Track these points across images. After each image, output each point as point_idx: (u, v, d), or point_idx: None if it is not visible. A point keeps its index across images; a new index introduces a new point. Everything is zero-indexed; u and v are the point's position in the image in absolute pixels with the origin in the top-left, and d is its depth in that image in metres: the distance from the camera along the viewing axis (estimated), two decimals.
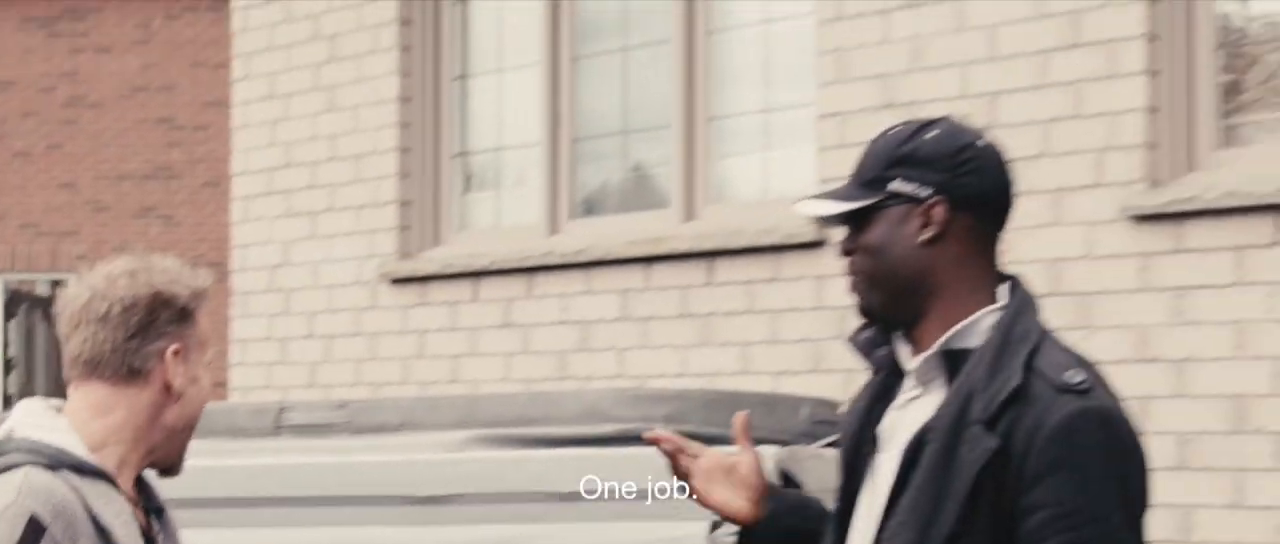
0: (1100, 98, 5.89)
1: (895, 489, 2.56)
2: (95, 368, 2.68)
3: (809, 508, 2.82)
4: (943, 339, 2.58)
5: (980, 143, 2.64)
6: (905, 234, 2.59)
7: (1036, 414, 2.46)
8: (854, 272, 2.65)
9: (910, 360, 2.64)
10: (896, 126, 2.68)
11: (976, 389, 2.51)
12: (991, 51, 6.15)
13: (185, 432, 2.75)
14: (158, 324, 2.69)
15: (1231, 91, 5.85)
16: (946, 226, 2.58)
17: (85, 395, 2.69)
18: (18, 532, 2.45)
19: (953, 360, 2.57)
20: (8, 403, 18.79)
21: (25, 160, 18.56)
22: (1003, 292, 2.62)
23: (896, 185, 2.59)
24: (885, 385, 2.69)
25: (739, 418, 2.83)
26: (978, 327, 2.57)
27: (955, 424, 2.50)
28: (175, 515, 2.84)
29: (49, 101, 18.51)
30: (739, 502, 2.77)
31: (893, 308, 2.62)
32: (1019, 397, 2.48)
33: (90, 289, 2.69)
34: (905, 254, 2.59)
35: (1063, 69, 5.98)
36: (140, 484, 2.78)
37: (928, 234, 2.58)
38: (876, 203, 2.60)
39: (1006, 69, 6.12)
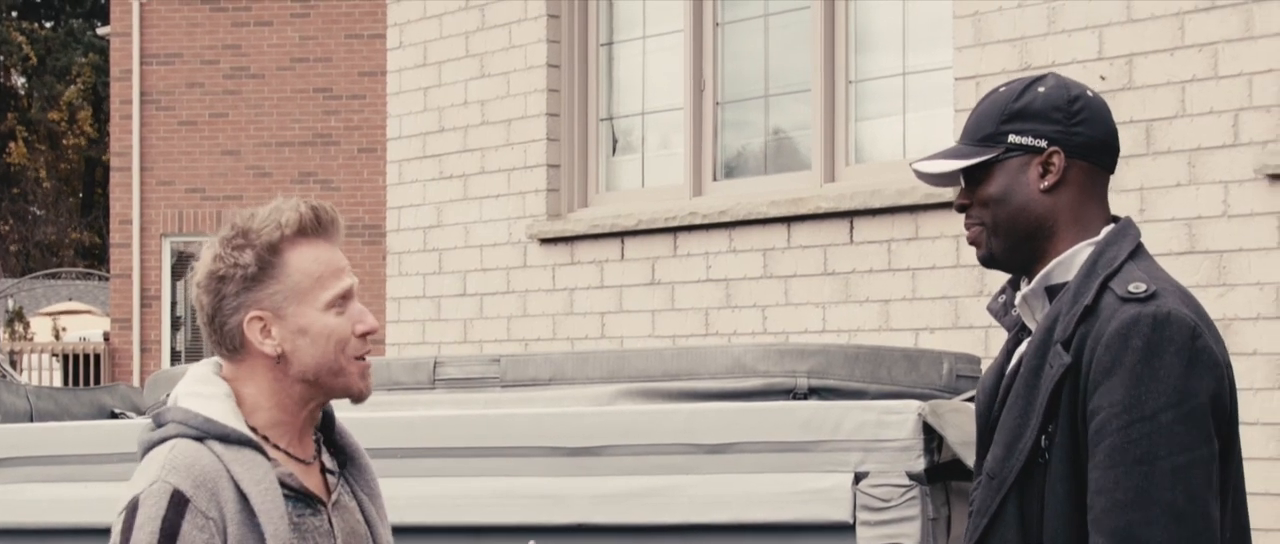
0: (1236, 59, 5.87)
1: (999, 411, 2.69)
2: (212, 343, 2.65)
3: None
4: (1041, 274, 2.70)
5: (1089, 94, 2.76)
6: (1026, 182, 2.70)
7: (1100, 325, 2.54)
8: (975, 223, 2.75)
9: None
10: (1003, 86, 2.79)
11: (1061, 313, 2.61)
12: (1128, 14, 6.14)
13: (331, 374, 2.62)
14: (225, 301, 2.60)
15: None
16: (1064, 173, 2.70)
17: (226, 364, 2.66)
18: (163, 506, 2.48)
19: (1053, 295, 2.68)
20: (176, 359, 19.27)
21: (191, 129, 18.95)
22: (1105, 229, 2.72)
23: (1014, 138, 2.71)
24: (1018, 342, 2.78)
25: None
26: (1074, 261, 2.68)
27: (1041, 348, 2.62)
28: (367, 461, 2.80)
29: (213, 73, 18.87)
30: None
31: (1014, 253, 2.73)
32: (1089, 313, 2.58)
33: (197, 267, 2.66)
34: (1026, 201, 2.70)
35: (1198, 31, 5.96)
36: (327, 434, 2.76)
37: (1048, 181, 2.69)
38: (996, 156, 2.71)
39: (1142, 31, 6.10)
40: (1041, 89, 2.74)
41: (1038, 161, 2.70)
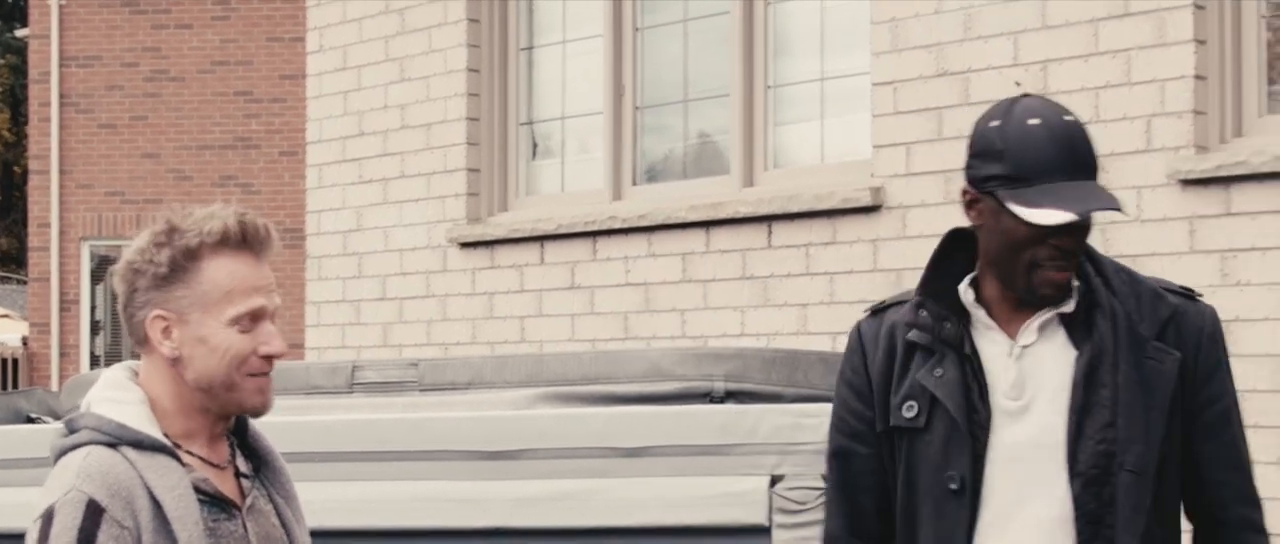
0: (1149, 66, 5.93)
1: (1082, 410, 2.76)
2: (126, 329, 2.66)
3: None
4: (1075, 294, 2.82)
5: None
6: None
7: (1192, 321, 2.78)
8: (1070, 266, 2.81)
9: (988, 319, 2.85)
10: (1068, 116, 2.83)
11: (1130, 310, 2.78)
12: (1043, 20, 6.20)
13: (224, 388, 2.61)
14: (136, 294, 2.60)
15: (1277, 60, 5.87)
16: None
17: (141, 360, 2.68)
18: (78, 516, 2.48)
19: None
20: (95, 363, 19.09)
21: (111, 132, 18.79)
22: None
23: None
24: (971, 354, 2.84)
25: None
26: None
27: (1132, 342, 2.76)
28: (282, 464, 2.80)
29: (133, 76, 18.72)
30: None
31: None
32: (1175, 314, 2.79)
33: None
34: None
35: (1112, 37, 6.02)
36: (241, 438, 2.76)
37: None
38: None
39: (1057, 38, 6.16)
40: None
41: None
